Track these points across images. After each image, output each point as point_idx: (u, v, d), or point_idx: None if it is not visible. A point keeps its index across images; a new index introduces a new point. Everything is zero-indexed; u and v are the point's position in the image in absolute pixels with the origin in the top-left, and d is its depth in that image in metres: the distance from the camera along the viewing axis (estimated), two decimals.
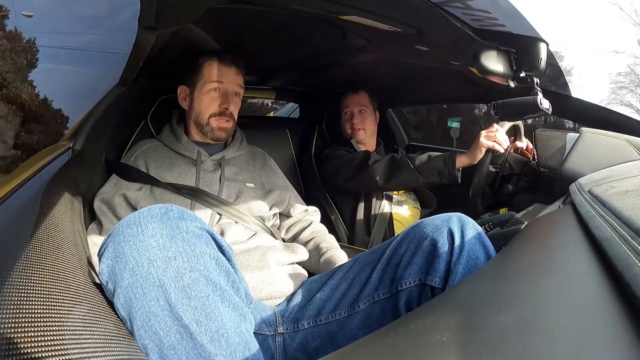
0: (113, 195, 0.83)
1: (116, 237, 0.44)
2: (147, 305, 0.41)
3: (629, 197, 0.41)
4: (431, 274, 0.60)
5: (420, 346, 0.28)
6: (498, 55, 0.79)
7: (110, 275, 0.43)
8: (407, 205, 1.37)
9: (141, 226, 0.44)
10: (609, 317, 0.26)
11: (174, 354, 0.41)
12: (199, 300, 0.43)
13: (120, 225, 0.45)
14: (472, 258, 0.59)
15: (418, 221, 0.67)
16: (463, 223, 0.61)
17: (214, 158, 0.96)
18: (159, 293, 0.41)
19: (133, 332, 0.43)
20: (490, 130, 1.09)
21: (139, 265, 0.42)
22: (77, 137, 0.83)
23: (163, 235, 0.44)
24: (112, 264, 0.43)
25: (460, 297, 0.39)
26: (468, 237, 0.60)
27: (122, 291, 0.42)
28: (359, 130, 1.43)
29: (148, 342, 0.41)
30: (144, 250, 0.42)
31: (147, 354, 0.41)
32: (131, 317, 0.42)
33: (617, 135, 0.87)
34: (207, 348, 0.41)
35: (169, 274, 0.42)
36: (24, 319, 0.36)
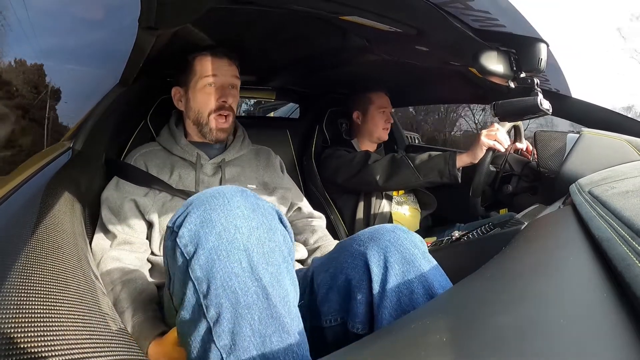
0: (122, 202, 0.81)
1: (201, 205, 0.47)
2: (230, 266, 0.44)
3: (629, 198, 0.41)
4: (351, 318, 0.54)
5: (420, 346, 0.28)
6: (498, 55, 0.79)
7: (193, 238, 0.45)
8: (407, 206, 1.37)
9: (227, 198, 0.47)
10: (609, 317, 0.26)
11: (248, 312, 0.43)
12: (275, 267, 0.47)
13: (204, 195, 0.48)
14: (405, 294, 0.51)
15: (343, 240, 0.61)
16: (386, 246, 0.53)
17: (213, 161, 0.95)
18: (242, 256, 0.45)
19: (209, 292, 0.44)
20: (491, 129, 1.09)
21: (225, 231, 0.45)
22: (77, 137, 0.83)
23: (247, 208, 0.47)
24: (196, 228, 0.46)
25: (460, 297, 0.39)
26: (393, 268, 0.52)
27: (205, 252, 0.45)
28: (387, 130, 1.45)
29: (224, 301, 0.43)
30: (231, 217, 0.46)
31: (221, 313, 0.43)
32: (210, 276, 0.44)
33: (617, 136, 0.87)
34: (279, 309, 0.44)
35: (253, 240, 0.46)
36: (25, 319, 0.36)
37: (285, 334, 0.44)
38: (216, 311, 0.43)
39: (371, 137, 1.45)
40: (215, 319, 0.43)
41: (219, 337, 0.43)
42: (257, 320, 0.43)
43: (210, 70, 0.93)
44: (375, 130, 1.43)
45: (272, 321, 0.43)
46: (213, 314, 0.43)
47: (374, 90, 1.45)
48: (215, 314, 0.43)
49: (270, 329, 0.43)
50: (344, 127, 1.56)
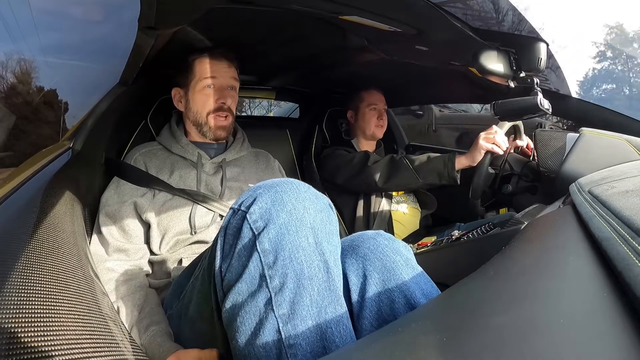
0: (119, 206, 0.81)
1: (272, 188, 0.51)
2: (298, 240, 0.48)
3: (629, 197, 0.41)
4: None
5: (421, 346, 0.28)
6: (498, 55, 0.79)
7: (264, 214, 0.49)
8: (406, 205, 1.37)
9: (294, 184, 0.52)
10: (609, 317, 0.26)
11: (310, 283, 0.46)
12: (333, 247, 0.51)
13: (272, 181, 0.52)
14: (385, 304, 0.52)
15: None
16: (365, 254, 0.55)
17: (214, 161, 0.95)
18: (309, 232, 0.49)
19: (275, 263, 0.47)
20: (489, 132, 1.09)
21: (295, 209, 0.49)
22: (77, 137, 0.83)
23: (311, 194, 0.52)
24: (268, 206, 0.49)
25: (460, 297, 0.39)
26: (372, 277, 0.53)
27: (275, 227, 0.48)
28: (381, 128, 1.44)
29: (289, 271, 0.46)
30: (301, 199, 0.50)
31: (284, 283, 0.46)
32: (279, 249, 0.47)
33: (617, 135, 0.87)
34: (336, 282, 0.48)
35: (319, 220, 0.50)
36: (25, 319, 0.36)
37: (339, 307, 0.47)
38: (280, 281, 0.46)
39: (365, 135, 1.45)
40: (278, 288, 0.46)
41: (279, 306, 0.45)
42: (317, 292, 0.46)
43: (209, 72, 0.94)
44: (367, 128, 1.43)
45: (329, 293, 0.47)
46: (276, 284, 0.46)
47: (364, 88, 1.45)
48: (279, 284, 0.46)
49: (327, 300, 0.46)
50: (344, 127, 1.56)
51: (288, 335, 0.44)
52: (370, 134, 1.43)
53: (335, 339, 0.44)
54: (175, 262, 0.82)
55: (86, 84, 1.76)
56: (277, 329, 0.44)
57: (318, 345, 0.44)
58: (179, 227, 0.83)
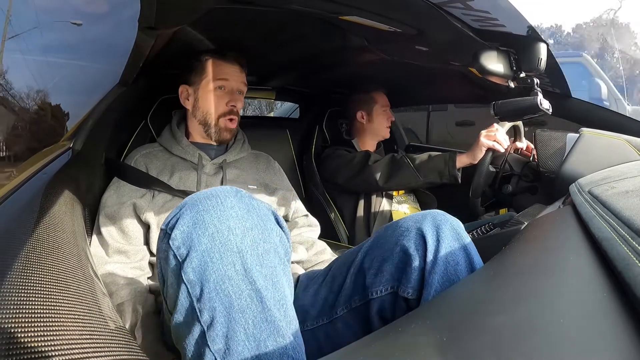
0: (119, 207, 0.81)
1: (194, 206, 0.46)
2: (224, 268, 0.44)
3: (629, 198, 0.41)
4: (404, 283, 0.56)
5: (420, 346, 0.28)
6: (498, 55, 0.79)
7: (186, 240, 0.45)
8: (407, 205, 1.37)
9: (220, 198, 0.47)
10: (609, 317, 0.26)
11: (242, 316, 0.43)
12: (269, 269, 0.46)
13: (197, 197, 0.48)
14: (451, 264, 0.54)
15: (392, 222, 0.63)
16: (438, 223, 0.57)
17: (215, 162, 0.95)
18: (235, 258, 0.44)
19: (202, 295, 0.44)
20: (491, 130, 1.09)
21: (218, 232, 0.44)
22: (77, 137, 0.83)
23: (241, 208, 0.47)
24: (189, 230, 0.45)
25: (460, 297, 0.39)
26: (444, 241, 0.55)
27: (198, 255, 0.44)
28: (389, 129, 1.47)
29: (217, 305, 0.43)
30: (224, 219, 0.45)
31: (214, 317, 0.43)
32: (203, 279, 0.43)
33: (617, 136, 0.87)
34: (273, 313, 0.44)
35: (246, 242, 0.45)
36: (25, 319, 0.36)
37: (280, 338, 0.43)
38: (210, 315, 0.43)
39: (377, 136, 1.46)
40: (209, 322, 0.43)
41: (212, 341, 0.42)
42: (252, 324, 0.43)
43: (222, 74, 0.95)
44: (380, 129, 1.45)
45: (267, 325, 0.43)
46: (207, 318, 0.43)
47: (375, 90, 1.46)
48: (209, 318, 0.43)
49: (264, 333, 0.43)
50: (344, 127, 1.56)
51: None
52: (382, 134, 1.46)
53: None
54: None
55: (86, 84, 1.76)
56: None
57: None
58: None
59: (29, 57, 2.35)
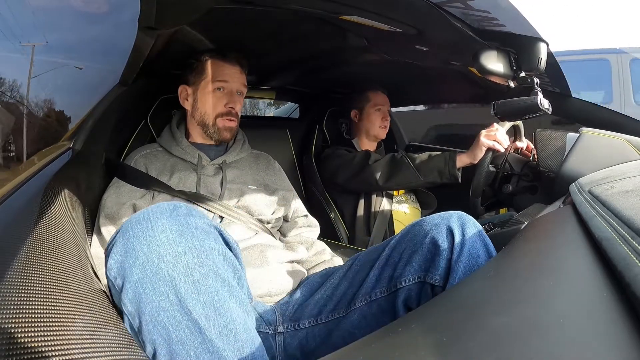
0: (119, 207, 0.81)
1: (125, 233, 0.44)
2: (157, 300, 0.42)
3: (629, 197, 0.41)
4: (431, 272, 0.60)
5: (420, 346, 0.28)
6: (498, 55, 0.79)
7: (119, 270, 0.43)
8: (407, 205, 1.37)
9: (151, 222, 0.44)
10: (609, 317, 0.26)
11: (182, 348, 0.41)
12: (209, 295, 0.43)
13: (130, 221, 0.45)
14: (474, 256, 0.59)
15: (418, 220, 0.66)
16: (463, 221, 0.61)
17: (215, 162, 0.95)
18: (168, 288, 0.42)
19: (141, 328, 0.42)
20: (491, 130, 1.09)
21: (149, 261, 0.42)
22: (77, 137, 0.83)
23: (173, 231, 0.44)
24: (121, 259, 0.43)
25: (460, 297, 0.39)
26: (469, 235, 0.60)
27: (131, 286, 0.42)
28: (385, 129, 1.45)
29: (156, 337, 0.42)
30: (154, 245, 0.43)
31: (156, 349, 0.41)
32: (140, 311, 0.42)
33: (617, 135, 0.87)
34: (215, 343, 0.42)
35: (179, 269, 0.43)
36: (25, 319, 0.36)
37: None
38: (151, 347, 0.42)
39: (368, 135, 1.45)
40: (152, 354, 0.42)
41: None
42: (194, 356, 0.41)
43: (222, 75, 0.95)
44: (371, 128, 1.43)
45: (210, 356, 0.41)
46: (150, 350, 0.42)
47: (370, 89, 1.45)
48: (152, 350, 0.42)
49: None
50: (344, 127, 1.56)
51: None
52: (374, 134, 1.44)
53: None
54: None
55: (86, 84, 1.76)
56: None
57: None
58: None
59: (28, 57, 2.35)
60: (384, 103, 1.45)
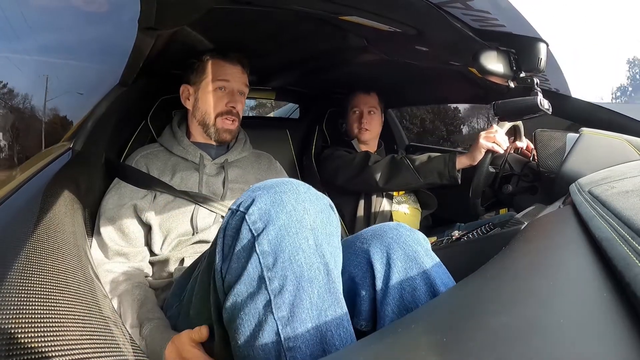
0: (119, 209, 0.81)
1: (271, 188, 0.50)
2: (298, 242, 0.47)
3: (629, 198, 0.41)
4: (356, 315, 0.56)
5: (420, 346, 0.28)
6: (498, 55, 0.79)
7: (263, 215, 0.48)
8: (407, 205, 1.37)
9: (294, 184, 0.51)
10: (609, 317, 0.26)
11: (310, 286, 0.45)
12: (333, 248, 0.50)
13: (271, 182, 0.51)
14: (407, 291, 0.53)
15: (346, 239, 0.63)
16: (389, 243, 0.56)
17: (216, 162, 0.95)
18: (309, 234, 0.48)
19: (275, 264, 0.46)
20: (490, 131, 1.09)
21: (295, 211, 0.48)
22: (77, 137, 0.83)
23: (311, 195, 0.50)
24: (267, 207, 0.48)
25: (460, 297, 0.39)
26: (395, 265, 0.54)
27: (275, 228, 0.47)
28: (365, 131, 1.43)
29: (289, 273, 0.46)
30: (300, 200, 0.49)
31: (284, 285, 0.45)
32: (279, 250, 0.46)
33: (617, 136, 0.87)
34: (336, 284, 0.48)
35: (318, 222, 0.49)
36: (25, 319, 0.36)
37: (339, 309, 0.46)
38: (280, 283, 0.45)
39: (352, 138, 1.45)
40: (277, 290, 0.45)
41: (278, 309, 0.44)
42: (317, 294, 0.45)
43: (223, 75, 0.95)
44: (351, 131, 1.44)
45: (329, 296, 0.46)
46: (276, 286, 0.45)
47: (353, 91, 1.46)
48: (279, 286, 0.45)
49: (327, 302, 0.45)
50: (344, 127, 1.56)
51: (287, 337, 0.43)
52: (355, 136, 1.43)
53: (335, 342, 0.44)
54: (177, 261, 0.82)
55: (86, 84, 1.77)
56: (277, 332, 0.44)
57: (318, 348, 0.43)
58: (181, 228, 0.83)
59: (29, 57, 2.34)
60: (361, 104, 1.43)
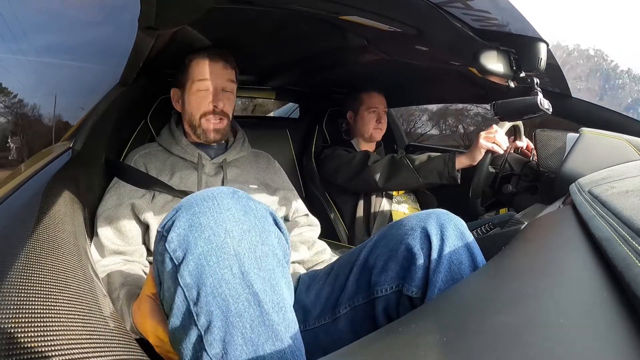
0: (117, 208, 0.81)
1: (190, 208, 0.46)
2: (220, 272, 0.43)
3: (629, 198, 0.41)
4: (408, 282, 0.57)
5: (421, 346, 0.28)
6: (498, 55, 0.79)
7: (182, 243, 0.44)
8: (407, 205, 1.37)
9: (216, 200, 0.46)
10: (609, 317, 0.26)
11: (239, 320, 0.42)
12: (267, 272, 0.45)
13: (193, 198, 0.47)
14: (455, 264, 0.55)
15: (397, 220, 0.63)
16: (442, 223, 0.57)
17: (215, 161, 0.94)
18: (233, 261, 0.43)
19: (199, 299, 0.43)
20: (490, 132, 1.09)
21: (215, 235, 0.44)
22: (77, 137, 0.82)
23: (238, 210, 0.46)
24: (185, 233, 0.44)
25: (460, 297, 0.39)
26: (448, 240, 0.56)
27: (194, 258, 0.43)
28: (380, 131, 1.44)
29: (214, 309, 0.42)
30: (221, 221, 0.44)
31: (211, 321, 0.42)
32: (200, 283, 0.43)
33: (617, 135, 0.87)
34: (272, 317, 0.43)
35: (244, 245, 0.45)
36: (25, 319, 0.36)
37: (279, 342, 0.43)
38: (207, 319, 0.43)
39: (364, 137, 1.45)
40: (206, 326, 0.42)
41: (210, 346, 0.42)
42: (249, 329, 0.42)
43: (203, 74, 0.93)
44: (365, 131, 1.43)
45: (265, 329, 0.43)
46: (204, 322, 0.43)
47: (364, 90, 1.45)
48: (206, 322, 0.43)
49: (262, 337, 0.42)
50: (344, 127, 1.56)
51: None
52: (369, 136, 1.43)
53: None
54: None
55: (86, 84, 1.76)
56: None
57: None
58: None
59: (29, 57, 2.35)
60: (379, 104, 1.43)
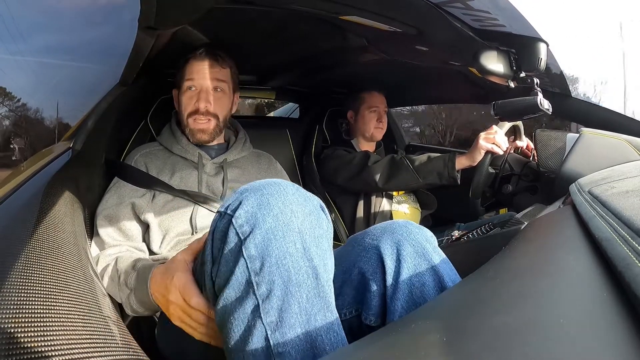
0: (118, 208, 0.81)
1: (258, 191, 0.50)
2: (285, 245, 0.46)
3: (629, 198, 0.41)
4: (365, 310, 0.56)
5: (420, 346, 0.28)
6: (498, 55, 0.79)
7: (249, 219, 0.48)
8: (407, 205, 1.37)
9: (282, 186, 0.50)
10: (609, 317, 0.26)
11: (298, 290, 0.45)
12: (322, 251, 0.49)
13: (259, 183, 0.51)
14: (417, 287, 0.53)
15: (357, 235, 0.62)
16: (398, 240, 0.55)
17: (215, 161, 0.94)
18: (297, 237, 0.47)
19: (262, 269, 0.46)
20: (489, 132, 1.09)
21: (283, 214, 0.47)
22: (77, 137, 0.82)
23: (299, 196, 0.50)
24: (253, 210, 0.48)
25: (460, 297, 0.39)
26: (406, 261, 0.54)
27: (262, 232, 0.47)
28: (381, 130, 1.44)
29: (277, 278, 0.45)
30: (288, 202, 0.48)
31: (272, 290, 0.45)
32: (266, 254, 0.46)
33: (617, 136, 0.87)
34: (325, 289, 0.47)
35: (306, 225, 0.48)
36: (25, 319, 0.36)
37: (329, 313, 0.46)
38: (267, 288, 0.45)
39: (364, 136, 1.45)
40: (265, 295, 0.45)
41: (266, 314, 0.44)
42: (305, 299, 0.45)
43: (190, 74, 0.93)
44: (366, 130, 1.43)
45: (319, 300, 0.45)
46: (264, 291, 0.45)
47: (366, 90, 1.45)
48: (266, 291, 0.45)
49: (316, 307, 0.45)
50: (344, 127, 1.56)
51: (277, 343, 0.43)
52: (369, 135, 1.43)
53: (326, 346, 0.43)
54: None
55: (86, 84, 1.76)
56: (266, 337, 0.43)
57: (308, 354, 0.43)
58: (180, 228, 0.83)
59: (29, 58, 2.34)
60: (379, 103, 1.43)
